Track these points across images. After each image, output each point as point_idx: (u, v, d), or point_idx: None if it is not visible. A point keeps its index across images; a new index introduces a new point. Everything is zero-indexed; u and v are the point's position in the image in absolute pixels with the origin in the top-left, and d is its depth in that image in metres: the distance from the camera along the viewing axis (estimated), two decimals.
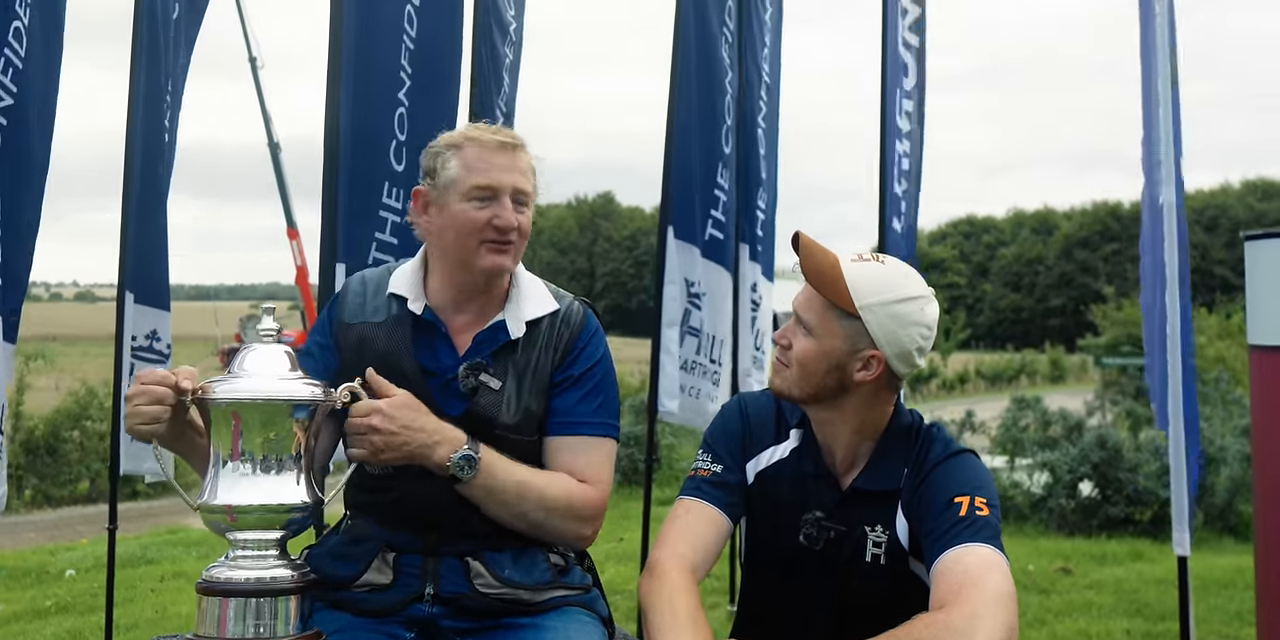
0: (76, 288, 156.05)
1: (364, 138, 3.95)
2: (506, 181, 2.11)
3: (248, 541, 1.78)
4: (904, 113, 4.76)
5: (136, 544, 7.81)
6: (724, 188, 5.04)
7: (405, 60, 4.06)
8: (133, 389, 1.83)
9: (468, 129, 2.16)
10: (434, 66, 4.10)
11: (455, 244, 2.11)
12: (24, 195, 3.46)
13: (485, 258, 2.11)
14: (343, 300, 2.24)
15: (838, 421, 2.04)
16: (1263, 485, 3.09)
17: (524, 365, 2.15)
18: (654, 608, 1.88)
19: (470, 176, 2.09)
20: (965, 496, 1.91)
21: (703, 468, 2.10)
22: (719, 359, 5.08)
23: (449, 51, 4.16)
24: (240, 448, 1.78)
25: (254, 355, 1.84)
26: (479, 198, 2.09)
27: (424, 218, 2.16)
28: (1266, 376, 3.08)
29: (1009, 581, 1.79)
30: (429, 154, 2.16)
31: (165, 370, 1.85)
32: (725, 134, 5.02)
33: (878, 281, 1.97)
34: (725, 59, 5.02)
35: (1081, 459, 8.56)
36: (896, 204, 4.92)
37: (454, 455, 1.99)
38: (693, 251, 4.91)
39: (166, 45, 4.05)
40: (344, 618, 2.07)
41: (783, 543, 2.09)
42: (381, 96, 3.99)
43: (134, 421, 1.81)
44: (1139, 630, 5.39)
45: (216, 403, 1.78)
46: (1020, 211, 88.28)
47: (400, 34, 4.04)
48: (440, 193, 2.12)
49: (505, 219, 2.10)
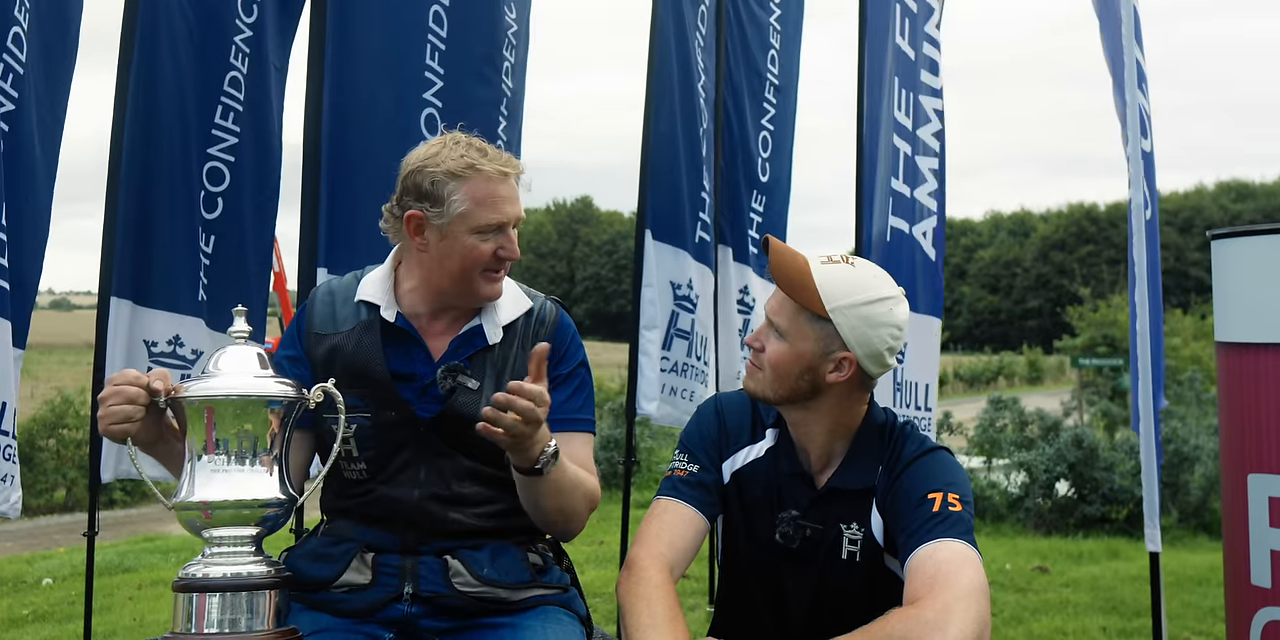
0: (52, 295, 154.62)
1: (342, 142, 3.98)
2: (513, 214, 2.15)
3: (223, 538, 1.79)
4: (909, 110, 4.64)
5: (114, 552, 7.76)
6: (708, 191, 5.08)
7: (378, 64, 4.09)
8: (106, 390, 1.84)
9: (465, 153, 2.12)
10: (403, 71, 4.14)
11: (457, 273, 2.14)
12: (28, 202, 3.50)
13: (485, 287, 2.16)
14: (311, 311, 2.25)
15: (811, 422, 2.07)
16: (1229, 480, 3.14)
17: (502, 364, 2.18)
18: (631, 607, 1.90)
19: (482, 214, 2.10)
20: (938, 492, 1.94)
21: (679, 468, 2.13)
22: (706, 359, 5.12)
23: (416, 56, 4.18)
24: (214, 440, 1.79)
25: (226, 356, 1.85)
26: (487, 232, 2.12)
27: (417, 239, 2.15)
28: (1233, 373, 3.13)
29: (981, 576, 1.82)
30: (424, 177, 2.11)
31: (137, 371, 1.86)
32: (702, 136, 5.05)
33: (847, 284, 1.99)
34: (699, 63, 5.04)
35: (1058, 459, 8.63)
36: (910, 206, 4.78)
37: (547, 450, 1.99)
38: (681, 255, 4.93)
39: (189, 48, 4.01)
40: (323, 618, 2.08)
41: (759, 542, 2.11)
42: (362, 101, 4.02)
43: (107, 422, 1.82)
44: (1115, 627, 5.44)
45: (190, 401, 1.80)
46: (997, 214, 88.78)
47: (372, 39, 4.07)
48: (446, 222, 2.11)
49: (510, 251, 2.15)
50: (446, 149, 2.14)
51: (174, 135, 3.96)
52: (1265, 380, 2.98)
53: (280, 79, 4.28)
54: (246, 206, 4.15)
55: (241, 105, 4.13)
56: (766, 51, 5.56)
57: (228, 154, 4.08)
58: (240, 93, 4.13)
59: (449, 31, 4.13)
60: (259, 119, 4.15)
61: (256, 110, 4.15)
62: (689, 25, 4.95)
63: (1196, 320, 23.88)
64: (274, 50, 4.22)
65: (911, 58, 4.55)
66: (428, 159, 2.13)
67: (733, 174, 5.43)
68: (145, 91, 3.90)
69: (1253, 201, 73.89)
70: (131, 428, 1.83)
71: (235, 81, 4.10)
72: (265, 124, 4.18)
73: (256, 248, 4.20)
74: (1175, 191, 77.47)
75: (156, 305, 3.96)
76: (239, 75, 4.10)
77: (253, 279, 4.19)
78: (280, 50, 4.27)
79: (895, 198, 4.41)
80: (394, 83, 4.04)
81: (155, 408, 1.84)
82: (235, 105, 4.13)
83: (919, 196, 4.56)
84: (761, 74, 5.54)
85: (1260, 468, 2.97)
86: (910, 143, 4.55)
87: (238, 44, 4.09)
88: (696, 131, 4.99)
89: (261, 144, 4.18)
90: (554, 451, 2.00)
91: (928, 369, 4.54)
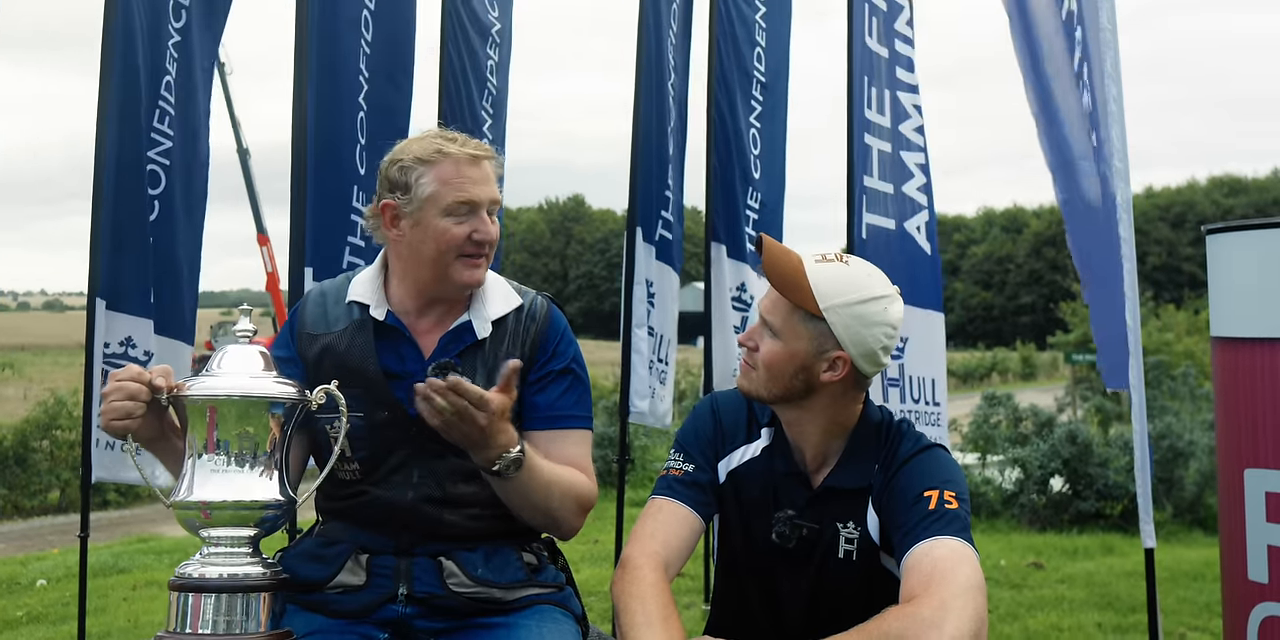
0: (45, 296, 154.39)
1: (328, 142, 3.99)
2: (484, 195, 2.13)
3: (221, 539, 1.79)
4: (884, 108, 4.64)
5: (108, 553, 7.73)
6: (672, 188, 5.10)
7: (363, 64, 4.12)
8: (108, 386, 1.84)
9: (435, 140, 2.14)
10: (388, 70, 4.18)
11: (433, 258, 2.13)
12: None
13: (463, 273, 2.14)
14: (303, 312, 2.26)
15: (806, 421, 2.06)
16: (1225, 475, 3.14)
17: (492, 361, 2.16)
18: (626, 605, 1.89)
19: (449, 192, 2.10)
20: (934, 490, 1.93)
21: (675, 467, 2.12)
22: (667, 358, 5.15)
23: (401, 55, 4.21)
24: (215, 439, 1.79)
25: (230, 355, 1.85)
26: (458, 213, 2.11)
27: (393, 231, 2.15)
28: (1228, 368, 3.13)
29: (978, 573, 1.81)
30: (394, 167, 2.13)
31: (140, 367, 1.86)
32: (670, 134, 5.08)
33: (841, 282, 1.98)
34: (671, 61, 5.08)
35: (1052, 455, 8.62)
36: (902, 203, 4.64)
37: (507, 455, 1.97)
38: (651, 251, 4.98)
39: (146, 53, 4.07)
40: (317, 619, 2.08)
41: (755, 541, 2.10)
42: (345, 100, 4.03)
43: (108, 417, 1.82)
44: (1110, 623, 5.44)
45: (192, 400, 1.79)
46: (990, 210, 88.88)
47: (359, 38, 4.09)
48: (416, 208, 2.11)
49: (485, 232, 2.13)
50: (417, 140, 2.16)
51: (128, 139, 4.03)
52: (1261, 375, 2.97)
53: (207, 80, 4.30)
54: (179, 209, 4.21)
55: (174, 108, 4.19)
56: (753, 48, 5.57)
57: (164, 157, 4.17)
58: (172, 96, 4.19)
59: (374, 35, 4.22)
60: (187, 121, 4.21)
61: (185, 112, 4.21)
62: (664, 24, 4.99)
63: (1190, 315, 23.90)
64: (201, 52, 4.26)
65: (885, 56, 4.55)
66: (398, 150, 2.16)
67: (727, 172, 5.43)
68: (118, 95, 3.98)
69: (1245, 196, 74.00)
70: (132, 424, 1.83)
71: (169, 85, 4.18)
72: (192, 126, 4.23)
73: (188, 250, 4.27)
74: (1167, 187, 77.79)
75: (118, 307, 4.04)
76: (170, 79, 4.17)
77: (185, 282, 4.27)
78: (207, 51, 4.29)
79: (870, 195, 4.39)
80: (335, 87, 4.12)
81: (157, 404, 1.84)
82: (169, 108, 4.19)
83: (908, 192, 4.55)
84: (749, 71, 5.55)
85: (1257, 463, 2.97)
86: (891, 140, 4.54)
87: (170, 49, 4.16)
88: (665, 129, 5.03)
89: (189, 147, 4.24)
90: (515, 458, 1.97)
91: (934, 363, 4.53)
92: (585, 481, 2.16)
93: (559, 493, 2.09)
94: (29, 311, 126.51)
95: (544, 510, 2.10)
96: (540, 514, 2.11)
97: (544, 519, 2.13)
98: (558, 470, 2.11)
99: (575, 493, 2.13)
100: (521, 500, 2.07)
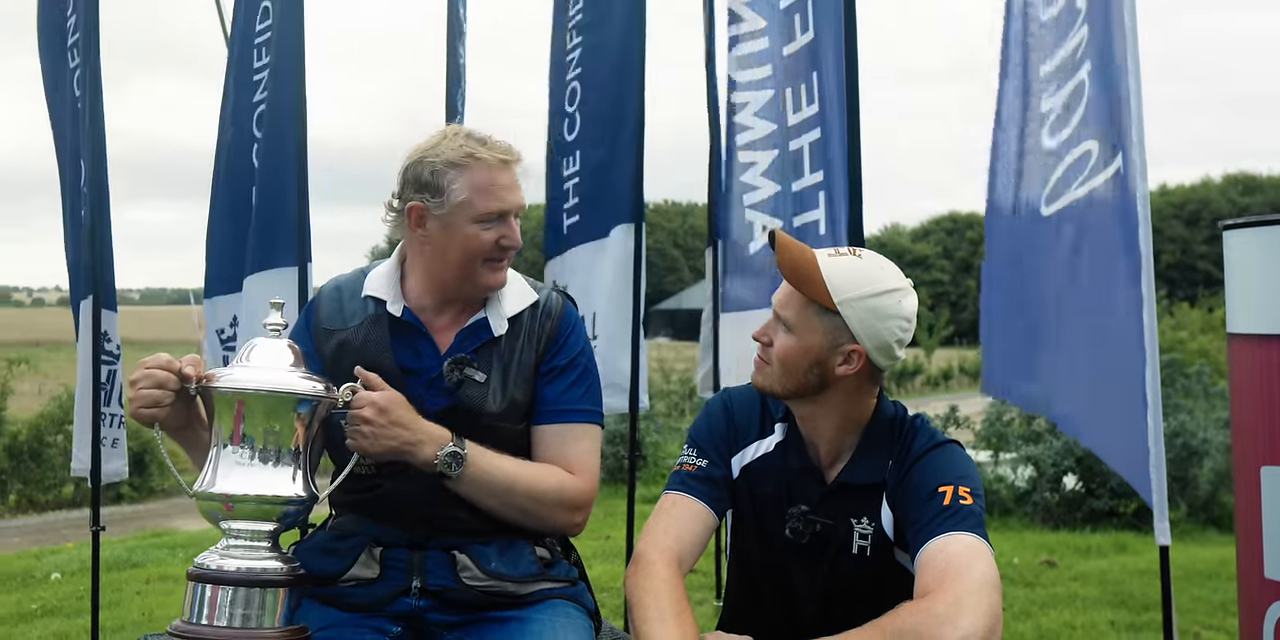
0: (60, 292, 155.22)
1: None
2: (514, 202, 2.14)
3: (241, 532, 1.80)
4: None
5: (122, 547, 7.78)
6: None
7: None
8: (136, 373, 1.85)
9: (465, 142, 2.12)
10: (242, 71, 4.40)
11: (459, 262, 2.13)
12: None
13: (487, 276, 2.15)
14: (318, 307, 2.25)
15: (821, 416, 2.05)
16: (1242, 473, 3.12)
17: (508, 357, 2.16)
18: (639, 600, 1.89)
19: (482, 201, 2.10)
20: (949, 486, 1.92)
21: (688, 462, 2.11)
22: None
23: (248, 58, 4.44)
24: (241, 432, 1.79)
25: (259, 348, 1.86)
26: (489, 220, 2.11)
27: (419, 231, 2.15)
28: (1245, 365, 3.11)
29: (993, 569, 1.80)
30: (423, 168, 2.11)
31: (168, 355, 1.87)
32: None
33: (855, 276, 1.97)
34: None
35: (1065, 452, 8.59)
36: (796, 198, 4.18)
37: (440, 452, 2.00)
38: None
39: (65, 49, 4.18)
40: (331, 613, 2.08)
41: (768, 537, 2.10)
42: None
43: (136, 404, 1.83)
44: (1123, 621, 5.43)
45: (221, 391, 1.80)
46: None
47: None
48: (447, 212, 2.10)
49: (512, 239, 2.15)
50: (446, 140, 2.14)
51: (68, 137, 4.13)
52: (1278, 372, 2.95)
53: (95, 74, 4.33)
54: (90, 204, 4.24)
55: (81, 102, 4.25)
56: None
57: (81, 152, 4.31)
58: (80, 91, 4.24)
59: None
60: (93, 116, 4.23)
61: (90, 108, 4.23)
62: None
63: (1204, 313, 23.78)
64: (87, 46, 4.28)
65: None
66: (427, 150, 2.13)
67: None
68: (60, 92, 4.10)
69: (1261, 194, 73.56)
70: (160, 412, 1.84)
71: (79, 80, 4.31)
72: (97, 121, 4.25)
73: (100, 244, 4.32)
74: (1181, 184, 77.28)
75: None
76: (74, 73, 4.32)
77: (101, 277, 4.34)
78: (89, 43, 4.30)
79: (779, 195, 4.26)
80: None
81: (185, 393, 1.85)
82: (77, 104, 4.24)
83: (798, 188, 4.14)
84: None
85: (1274, 460, 2.95)
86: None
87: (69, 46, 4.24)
88: None
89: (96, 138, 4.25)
90: (451, 452, 2.01)
91: None
92: (566, 478, 2.15)
93: (524, 491, 2.09)
94: (44, 307, 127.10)
95: (516, 509, 2.10)
96: (515, 512, 2.11)
97: (523, 518, 2.13)
98: (523, 469, 2.11)
99: (550, 491, 2.12)
100: (485, 501, 2.08)
